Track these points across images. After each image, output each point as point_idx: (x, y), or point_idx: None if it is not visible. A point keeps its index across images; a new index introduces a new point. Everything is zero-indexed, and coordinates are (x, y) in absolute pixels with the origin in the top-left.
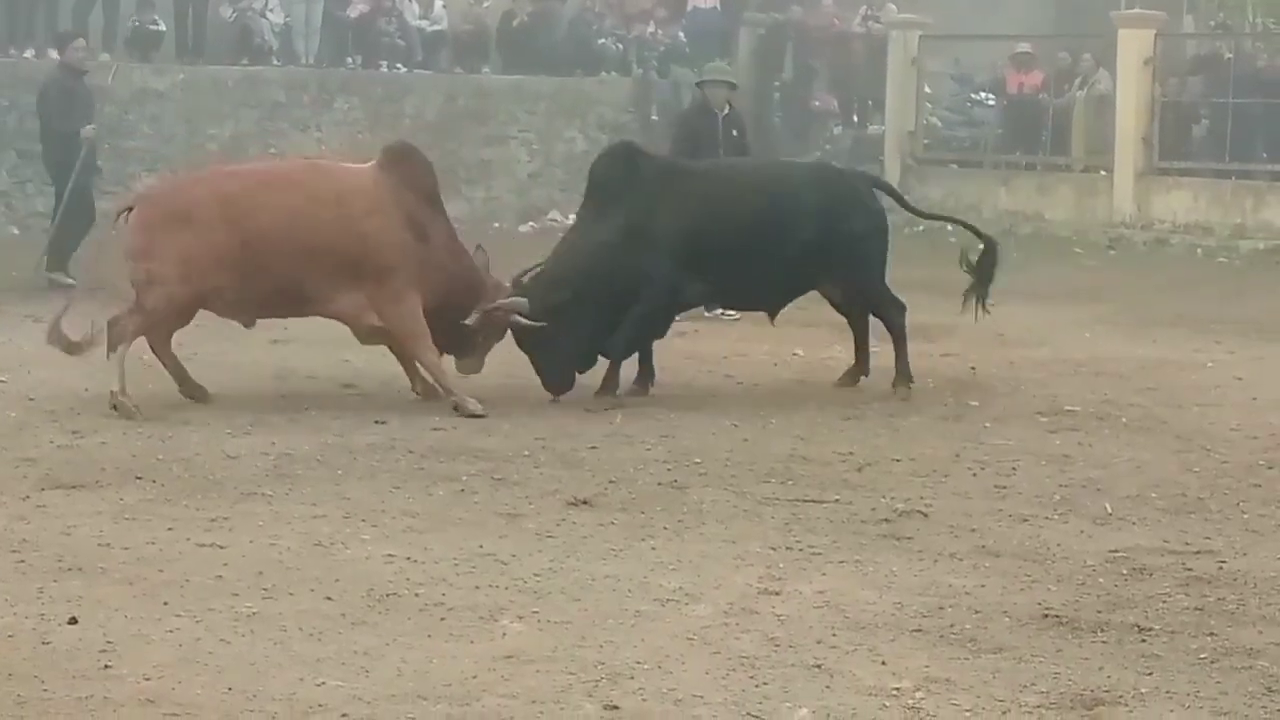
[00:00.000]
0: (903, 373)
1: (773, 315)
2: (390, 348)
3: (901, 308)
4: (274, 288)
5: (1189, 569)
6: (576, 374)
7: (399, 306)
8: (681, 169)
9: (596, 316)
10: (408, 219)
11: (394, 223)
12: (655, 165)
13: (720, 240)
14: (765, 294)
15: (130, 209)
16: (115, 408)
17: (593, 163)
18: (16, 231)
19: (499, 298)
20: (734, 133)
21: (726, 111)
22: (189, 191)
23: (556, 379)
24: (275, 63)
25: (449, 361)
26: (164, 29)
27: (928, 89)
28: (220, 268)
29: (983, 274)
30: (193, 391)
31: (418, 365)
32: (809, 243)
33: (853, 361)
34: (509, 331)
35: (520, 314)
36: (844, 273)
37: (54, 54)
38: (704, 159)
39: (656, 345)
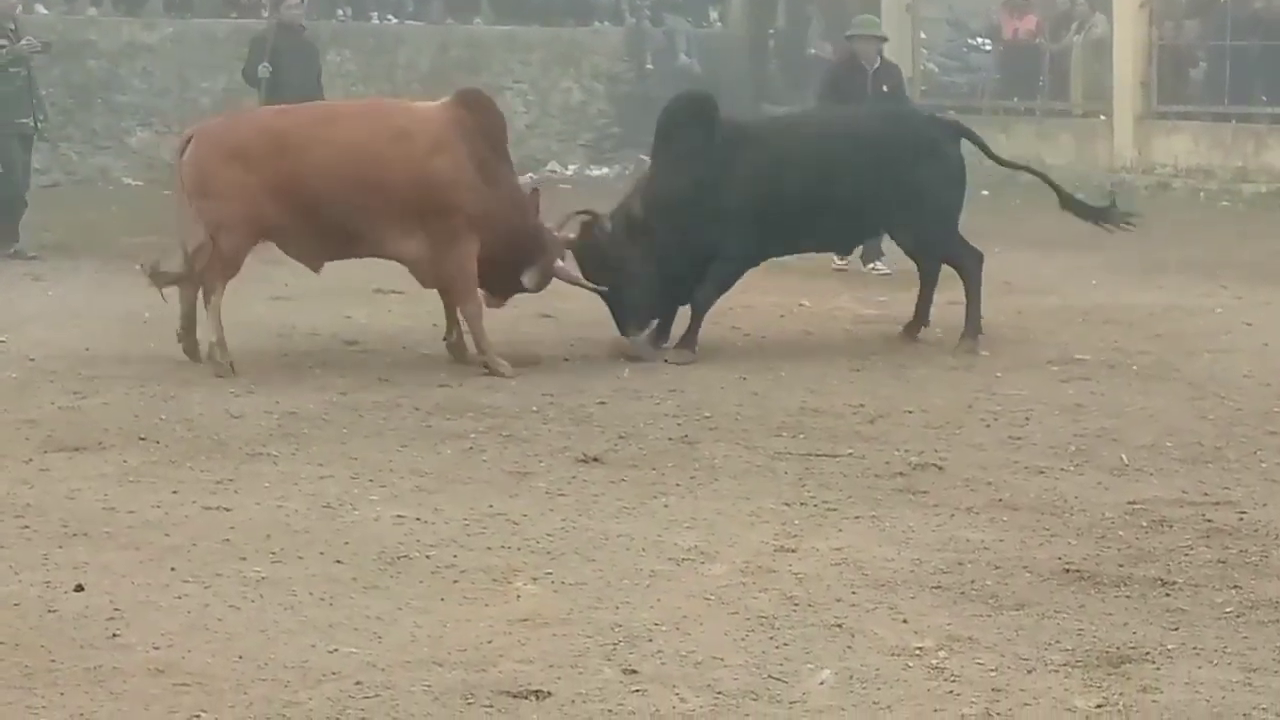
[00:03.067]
0: (972, 325)
1: (842, 255)
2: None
3: (978, 257)
4: (335, 226)
5: (1209, 520)
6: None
7: (453, 249)
8: (757, 122)
9: (673, 264)
10: (475, 161)
11: (459, 163)
12: (731, 118)
13: (795, 196)
14: (835, 240)
15: (190, 140)
16: (211, 358)
17: (666, 108)
18: None
19: (558, 254)
20: (884, 88)
21: (877, 65)
22: (245, 126)
23: (633, 320)
24: (264, 15)
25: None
26: None
27: (923, 35)
28: (279, 205)
29: (1084, 212)
30: (190, 349)
31: (458, 315)
32: (878, 190)
33: (912, 314)
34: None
35: (578, 281)
36: (912, 219)
37: (42, 9)
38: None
39: None
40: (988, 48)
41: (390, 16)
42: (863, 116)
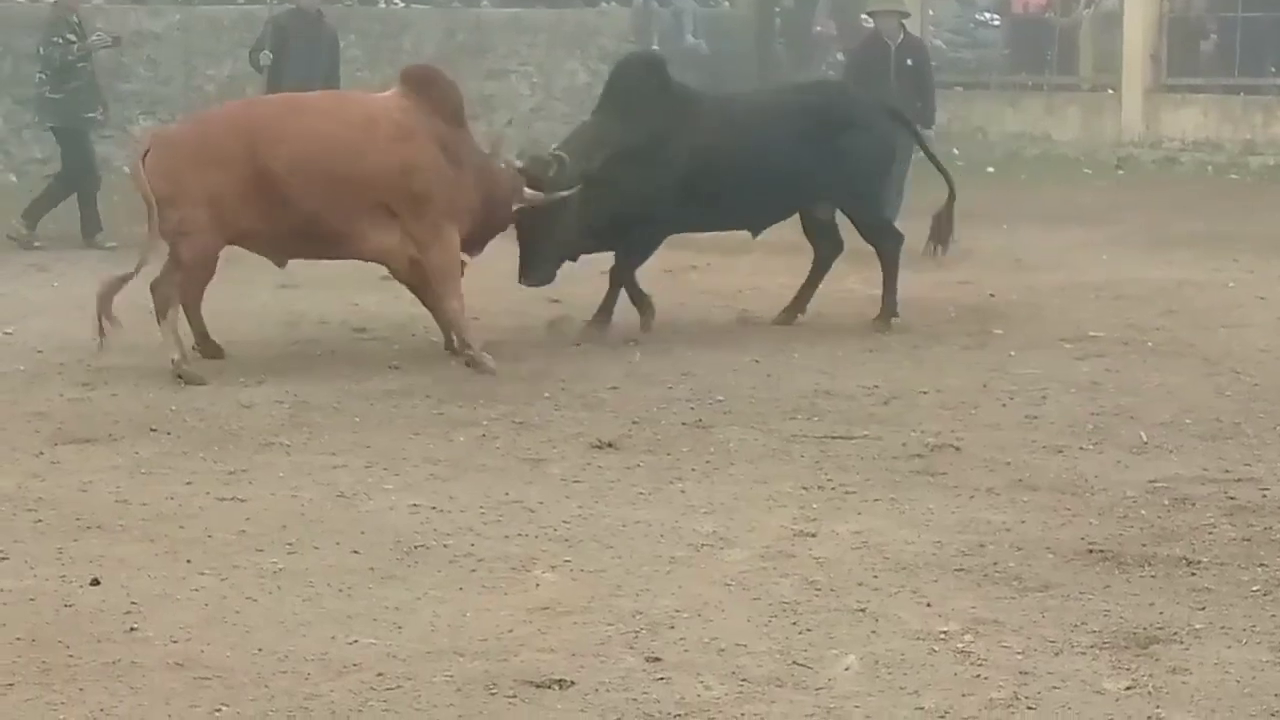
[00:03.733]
0: (888, 306)
1: (755, 234)
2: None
3: (898, 239)
4: (306, 224)
5: (1232, 498)
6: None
7: (437, 240)
8: (697, 95)
9: (593, 213)
10: (439, 143)
11: (426, 147)
12: (677, 86)
13: (723, 170)
14: (755, 217)
15: (147, 151)
16: (180, 377)
17: (618, 65)
18: (15, 179)
19: (518, 192)
20: (908, 62)
21: (900, 40)
22: (208, 127)
23: (539, 269)
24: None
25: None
26: None
27: (931, 12)
28: (250, 206)
29: (943, 222)
30: (212, 352)
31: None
32: (802, 168)
33: (795, 296)
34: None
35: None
36: (835, 198)
37: None
38: (875, 91)
39: (674, 282)
40: (996, 23)
41: (396, 1)
42: (791, 95)
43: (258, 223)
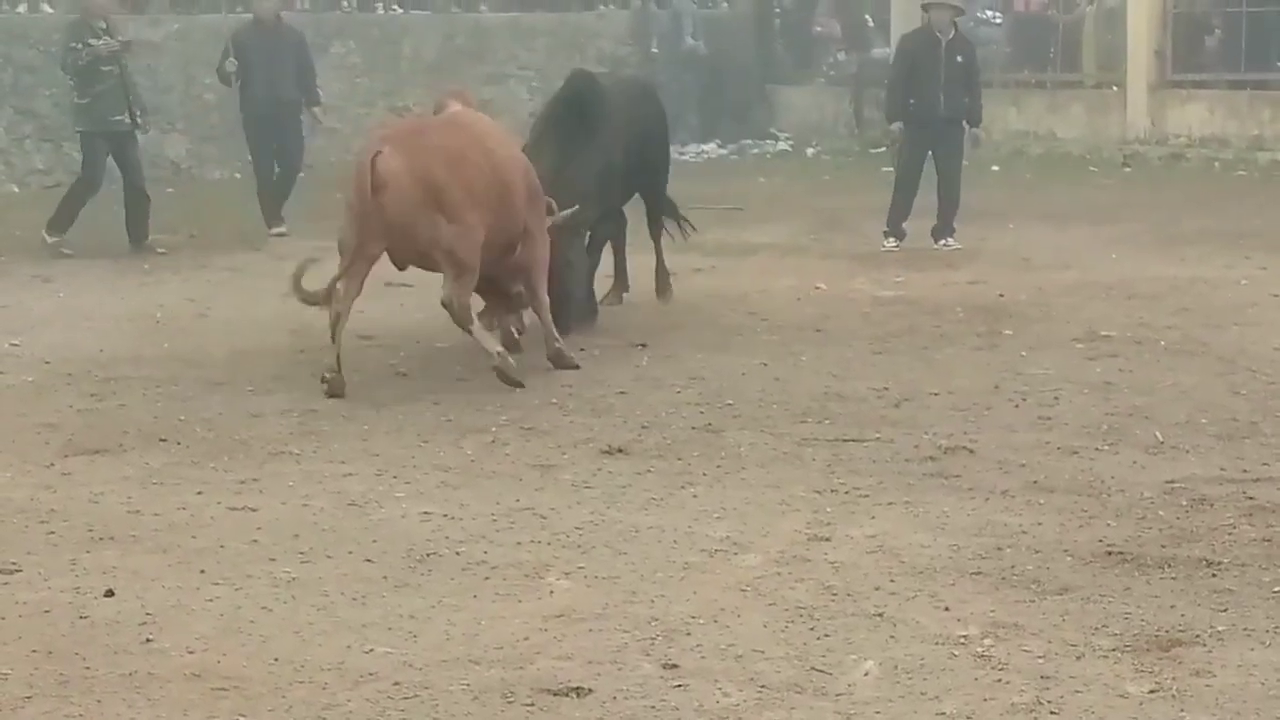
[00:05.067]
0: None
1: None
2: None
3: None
4: (510, 229)
5: (1250, 498)
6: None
7: (544, 238)
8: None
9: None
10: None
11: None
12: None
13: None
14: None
15: (378, 155)
16: (497, 370)
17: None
18: (16, 189)
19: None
20: (958, 58)
21: (952, 35)
22: (444, 128)
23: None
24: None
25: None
26: None
27: None
28: (487, 214)
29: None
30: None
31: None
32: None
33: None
34: None
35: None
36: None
37: (47, 8)
38: (924, 86)
39: (680, 286)
40: (998, 20)
41: (395, 7)
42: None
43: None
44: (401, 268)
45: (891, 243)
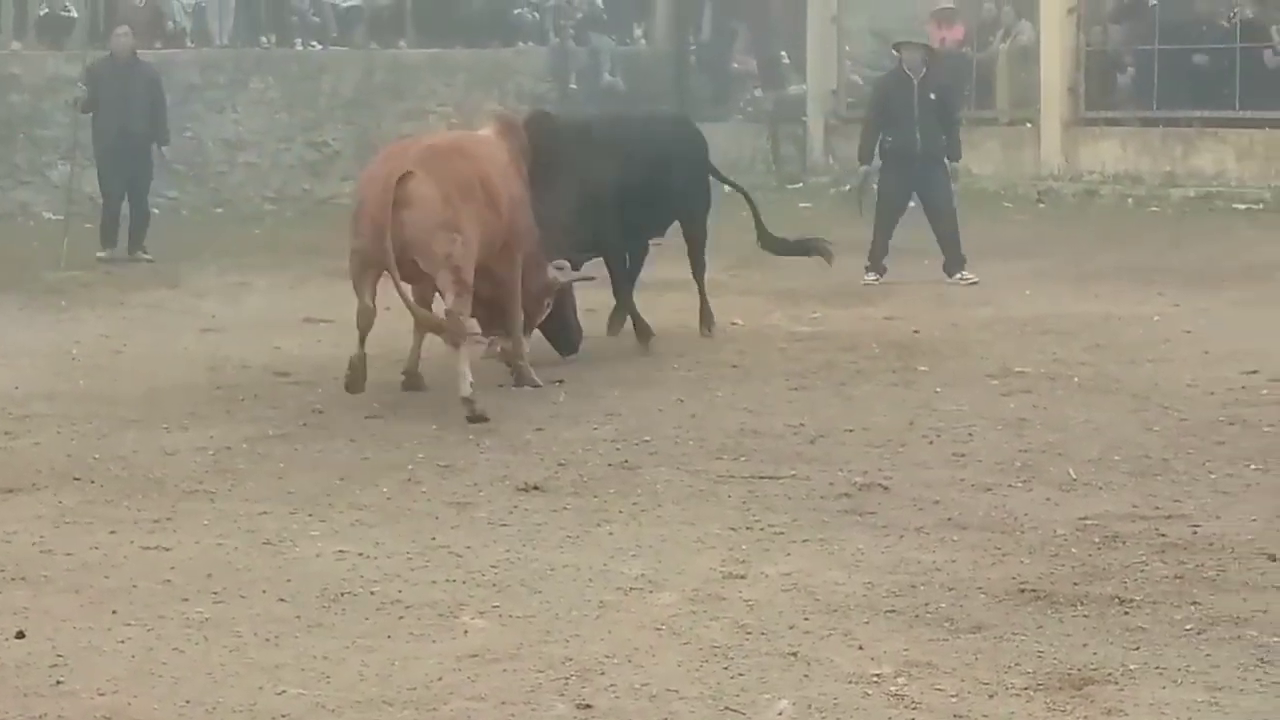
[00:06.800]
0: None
1: None
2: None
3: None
4: (487, 255)
5: (1163, 535)
6: None
7: (518, 265)
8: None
9: None
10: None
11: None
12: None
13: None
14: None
15: (407, 175)
16: (470, 412)
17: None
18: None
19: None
20: (931, 96)
21: (924, 74)
22: (455, 155)
23: (573, 336)
24: (189, 44)
25: None
26: (75, 15)
27: (847, 47)
28: (483, 234)
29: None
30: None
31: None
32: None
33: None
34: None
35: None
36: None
37: None
38: (898, 125)
39: (597, 320)
40: None
41: (315, 43)
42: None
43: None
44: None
45: (871, 277)
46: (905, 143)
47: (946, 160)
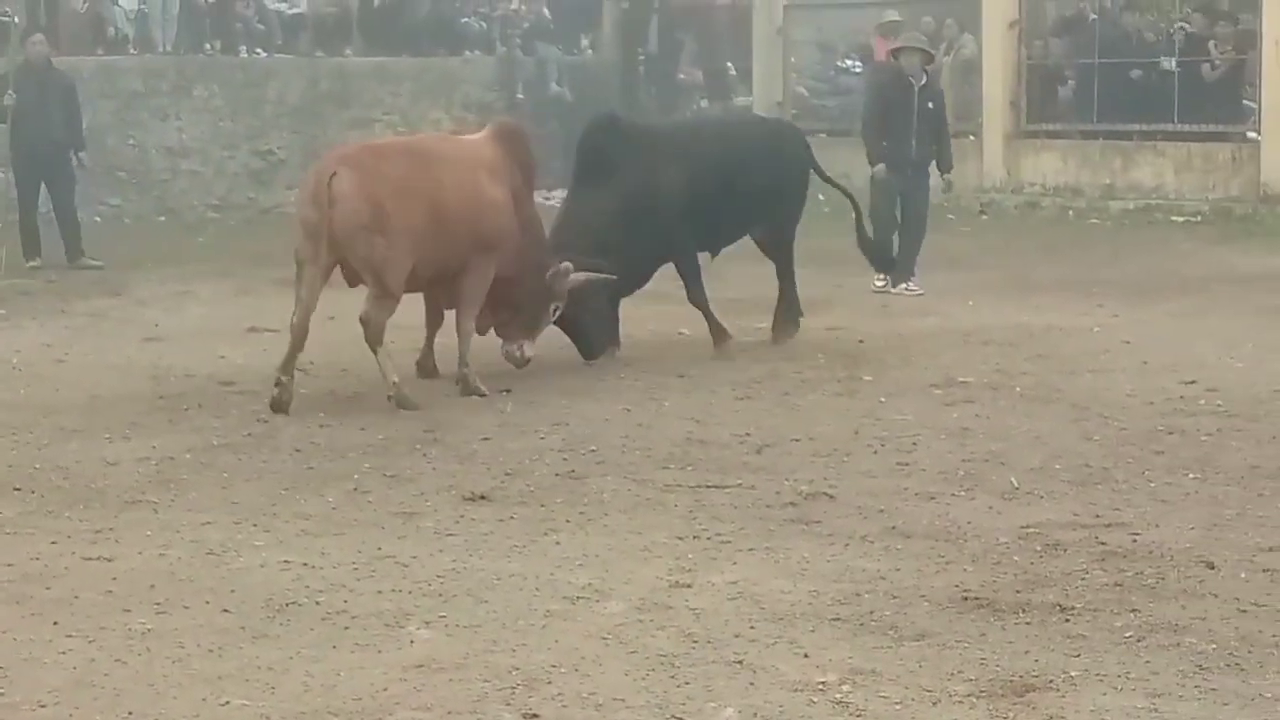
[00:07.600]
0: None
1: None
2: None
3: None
4: (443, 260)
5: (1103, 543)
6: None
7: (481, 271)
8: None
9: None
10: (514, 191)
11: (508, 194)
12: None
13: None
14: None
15: (334, 175)
16: (393, 399)
17: (581, 136)
18: None
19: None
20: (929, 105)
21: (924, 81)
22: (399, 156)
23: (600, 343)
24: (131, 51)
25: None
26: (15, 21)
27: (793, 59)
28: (424, 240)
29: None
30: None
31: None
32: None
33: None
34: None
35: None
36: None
37: None
38: (896, 132)
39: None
40: (858, 69)
41: (259, 50)
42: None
43: (424, 255)
44: (352, 284)
45: (881, 281)
46: (902, 149)
47: (940, 172)
